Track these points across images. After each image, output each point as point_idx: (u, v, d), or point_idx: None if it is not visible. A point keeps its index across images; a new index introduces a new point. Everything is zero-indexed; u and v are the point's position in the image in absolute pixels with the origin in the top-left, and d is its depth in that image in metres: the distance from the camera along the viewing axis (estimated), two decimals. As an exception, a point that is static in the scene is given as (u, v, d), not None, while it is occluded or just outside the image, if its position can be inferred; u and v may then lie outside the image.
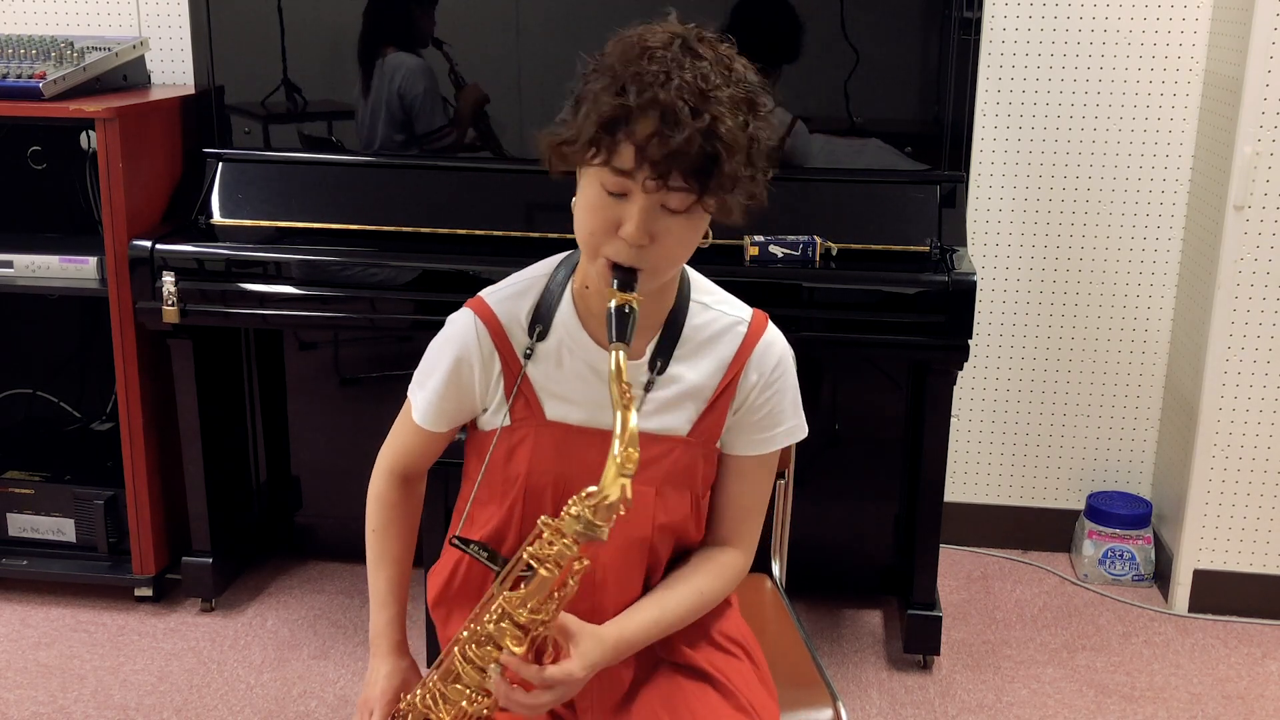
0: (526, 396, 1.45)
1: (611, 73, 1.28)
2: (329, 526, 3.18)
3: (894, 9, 2.67)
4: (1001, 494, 3.32)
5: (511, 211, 2.73)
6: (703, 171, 1.26)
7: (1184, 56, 2.98)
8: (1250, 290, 2.81)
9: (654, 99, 1.24)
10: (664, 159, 1.24)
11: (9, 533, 2.97)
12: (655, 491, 1.45)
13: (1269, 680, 2.74)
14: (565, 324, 1.45)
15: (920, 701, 2.62)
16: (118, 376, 2.78)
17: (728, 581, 1.53)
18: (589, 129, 1.27)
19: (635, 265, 1.32)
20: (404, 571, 1.59)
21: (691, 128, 1.23)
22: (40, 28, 3.27)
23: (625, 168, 1.27)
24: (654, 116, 1.24)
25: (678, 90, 1.24)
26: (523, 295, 1.47)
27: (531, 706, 1.36)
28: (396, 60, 2.82)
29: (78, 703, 2.57)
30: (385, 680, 1.53)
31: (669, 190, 1.27)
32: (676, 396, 1.46)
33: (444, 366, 1.47)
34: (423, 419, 1.51)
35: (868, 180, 2.72)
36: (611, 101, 1.25)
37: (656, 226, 1.30)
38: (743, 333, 1.48)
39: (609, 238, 1.31)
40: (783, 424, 1.50)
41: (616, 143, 1.26)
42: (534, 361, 1.45)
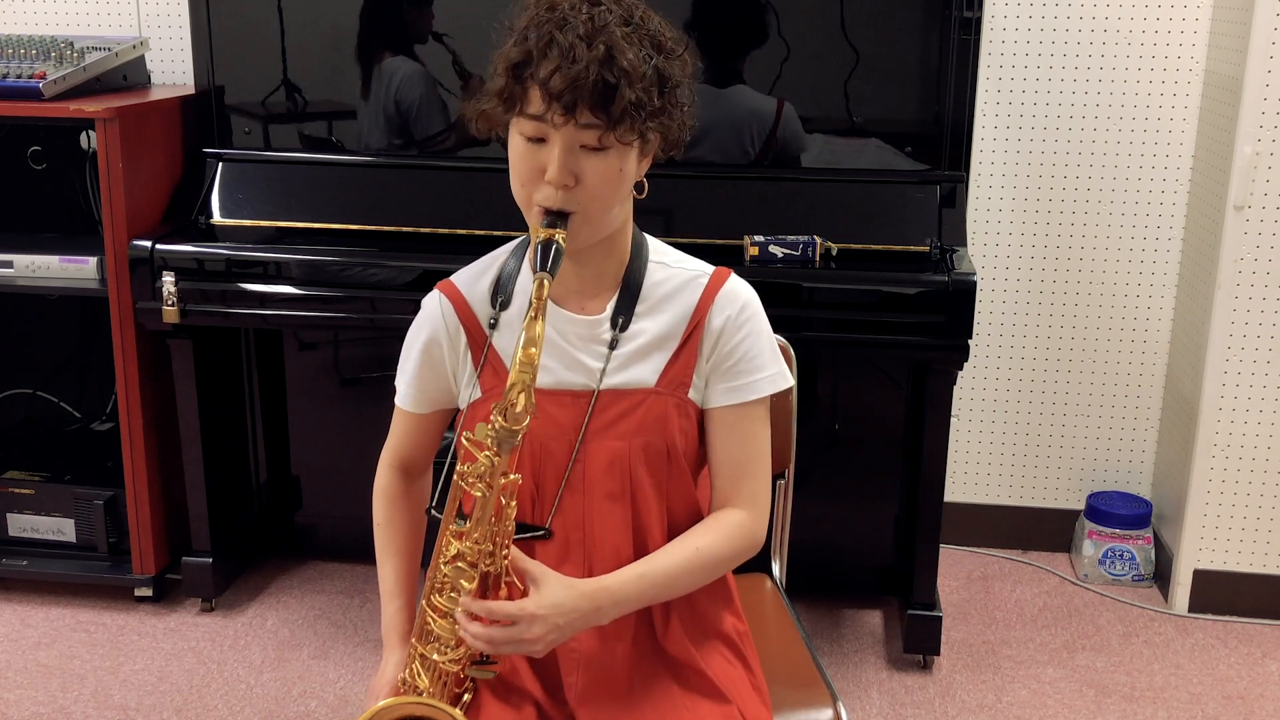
0: (494, 366, 1.49)
1: (519, 31, 1.36)
2: (329, 526, 3.18)
3: (894, 9, 2.67)
4: (1001, 494, 3.32)
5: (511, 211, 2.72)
6: (607, 100, 1.32)
7: (1184, 56, 2.98)
8: (1250, 290, 2.82)
9: (551, 39, 1.32)
10: (566, 90, 1.31)
11: (9, 533, 2.97)
12: (629, 444, 1.45)
13: (1269, 680, 2.74)
14: (525, 292, 1.49)
15: (920, 701, 2.62)
16: (118, 376, 2.78)
17: (731, 540, 1.49)
18: (500, 81, 1.36)
19: (564, 208, 1.37)
20: (411, 563, 1.62)
21: (588, 58, 1.31)
22: (40, 28, 3.27)
23: (536, 110, 1.34)
24: (553, 54, 1.31)
25: (573, 29, 1.32)
26: (484, 272, 1.54)
27: (489, 640, 1.37)
28: (393, 66, 2.82)
29: (78, 703, 2.57)
30: (394, 670, 1.55)
31: (579, 126, 1.33)
32: (642, 349, 1.48)
33: (416, 348, 1.54)
34: (403, 402, 1.57)
35: (868, 180, 2.72)
36: (515, 49, 1.35)
37: (578, 166, 1.36)
38: (704, 284, 1.50)
39: (537, 185, 1.38)
40: (762, 371, 1.49)
41: (526, 89, 1.34)
42: (498, 331, 1.49)
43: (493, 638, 1.36)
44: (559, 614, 1.37)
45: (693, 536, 1.48)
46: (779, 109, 2.71)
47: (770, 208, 2.69)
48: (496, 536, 1.38)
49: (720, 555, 1.48)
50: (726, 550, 1.49)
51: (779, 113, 2.72)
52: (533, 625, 1.35)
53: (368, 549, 1.62)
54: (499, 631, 1.36)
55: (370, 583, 3.03)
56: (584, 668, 1.48)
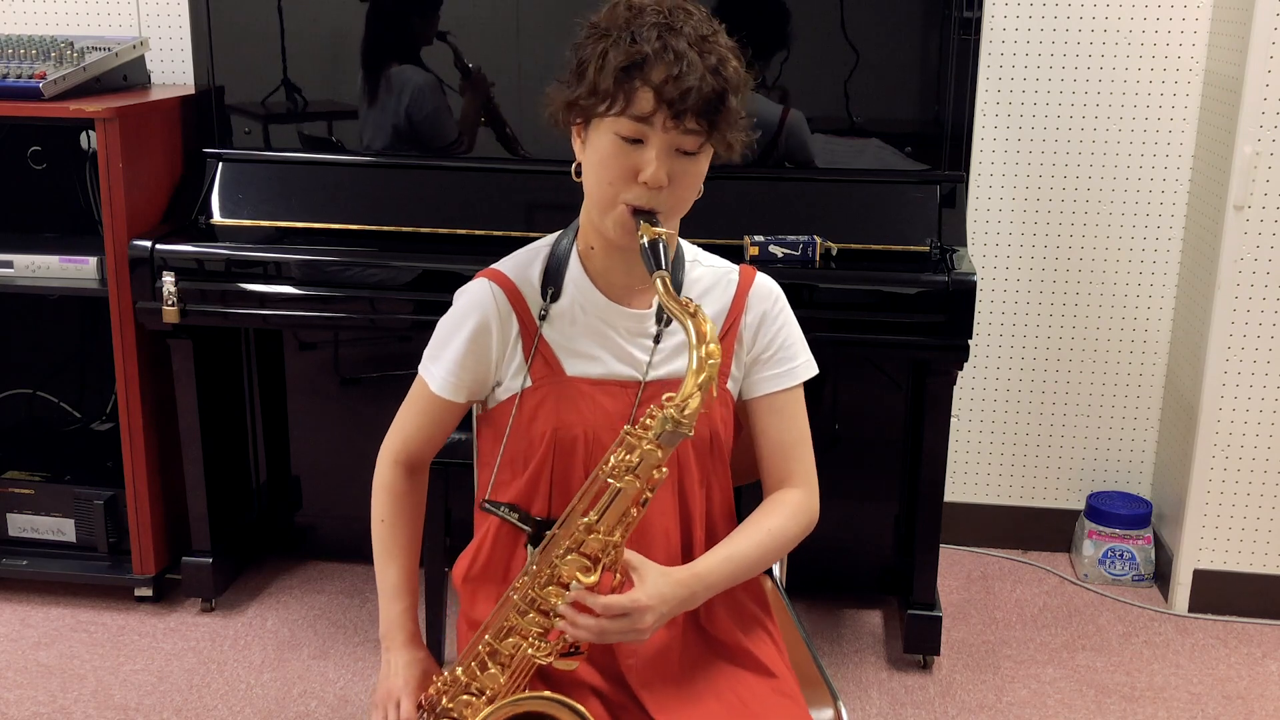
0: (545, 356, 1.50)
1: (617, 30, 1.38)
2: (329, 526, 3.18)
3: (894, 9, 2.67)
4: (1001, 494, 3.32)
5: (511, 211, 2.73)
6: (712, 110, 1.37)
7: (1184, 56, 2.98)
8: (1250, 290, 2.81)
9: (667, 44, 1.35)
10: (680, 98, 1.35)
11: (9, 533, 2.97)
12: None
13: (1269, 680, 2.74)
14: (576, 283, 1.52)
15: (920, 701, 2.62)
16: (118, 376, 2.78)
17: (795, 518, 1.56)
18: (607, 80, 1.37)
19: (654, 208, 1.41)
20: (413, 562, 1.60)
21: (702, 68, 1.35)
22: (40, 28, 3.27)
23: (645, 111, 1.36)
24: (668, 59, 1.35)
25: (685, 36, 1.36)
26: (531, 261, 1.55)
27: (601, 632, 1.38)
28: (404, 77, 2.82)
29: (78, 703, 2.57)
30: (406, 670, 1.54)
31: (683, 131, 1.37)
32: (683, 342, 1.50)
33: (463, 334, 1.51)
34: (441, 388, 1.53)
35: (868, 180, 2.72)
36: (626, 50, 1.36)
37: (672, 168, 1.40)
38: (735, 280, 1.58)
39: (627, 185, 1.40)
40: (799, 358, 1.58)
41: (634, 89, 1.36)
42: (549, 322, 1.51)
43: (605, 629, 1.38)
44: (663, 603, 1.41)
45: (763, 519, 1.55)
46: (783, 117, 2.71)
47: (770, 208, 2.69)
48: (624, 529, 1.39)
49: (789, 534, 1.56)
50: (794, 529, 1.56)
51: (783, 120, 2.71)
52: (645, 615, 1.39)
53: (368, 549, 1.59)
54: (611, 623, 1.38)
55: (370, 582, 3.01)
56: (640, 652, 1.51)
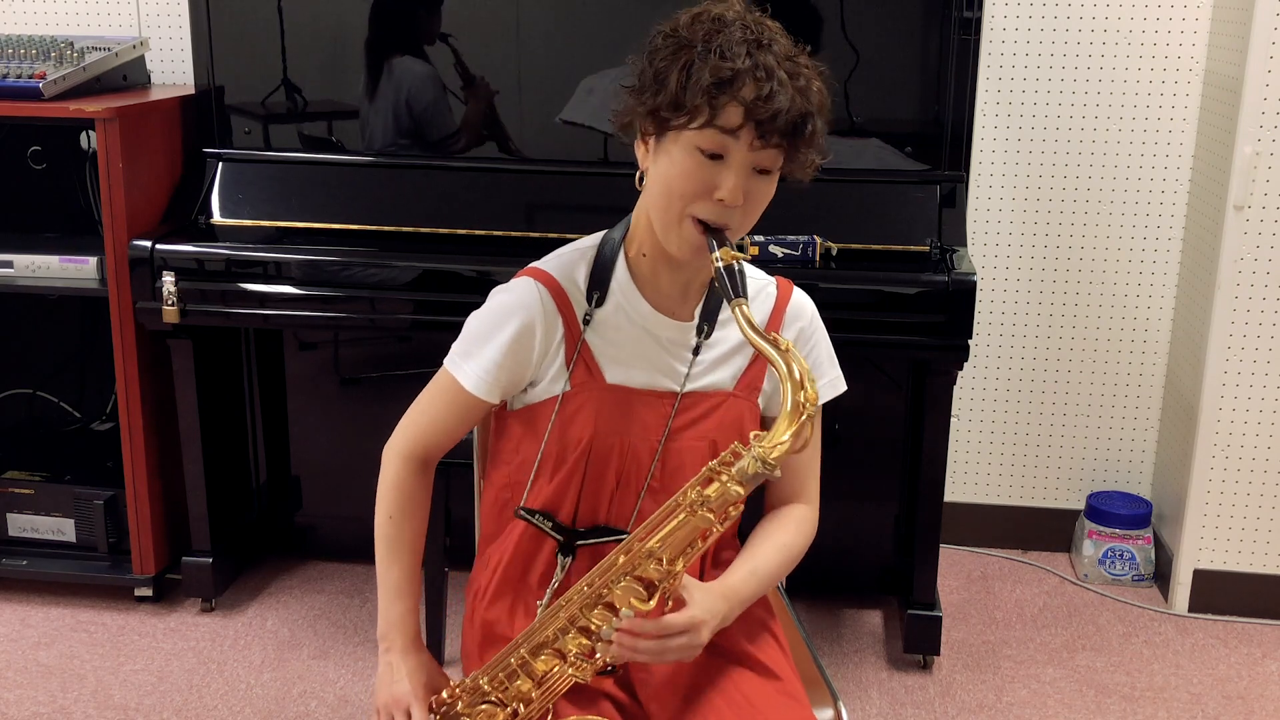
0: (586, 362, 1.49)
1: (702, 43, 1.36)
2: (329, 526, 3.18)
3: (894, 9, 2.67)
4: (1001, 494, 3.32)
5: (512, 211, 2.73)
6: (797, 130, 1.36)
7: (1184, 56, 2.98)
8: (1250, 290, 2.81)
9: (758, 61, 1.34)
10: (770, 117, 1.33)
11: (9, 533, 2.97)
12: (708, 444, 1.50)
13: (1269, 680, 2.74)
14: (622, 289, 1.50)
15: (920, 701, 2.62)
16: (118, 376, 2.78)
17: (805, 535, 1.59)
18: (695, 93, 1.34)
19: (727, 224, 1.40)
20: (417, 562, 1.56)
21: (791, 88, 1.34)
22: (40, 28, 3.27)
23: (731, 126, 1.34)
24: (760, 76, 1.33)
25: (775, 54, 1.35)
26: (576, 264, 1.52)
27: (661, 651, 1.39)
28: (405, 67, 2.82)
29: (78, 703, 2.57)
30: (412, 676, 1.51)
31: (766, 149, 1.36)
32: (723, 355, 1.52)
33: (506, 333, 1.47)
34: (477, 387, 1.49)
35: (868, 180, 2.72)
36: (717, 64, 1.33)
37: (749, 186, 1.39)
38: (773, 294, 1.57)
39: (701, 199, 1.38)
40: (824, 376, 1.58)
41: (722, 105, 1.34)
42: (592, 327, 1.49)
43: (667, 649, 1.38)
44: (714, 617, 1.42)
45: (779, 534, 1.57)
46: None
47: (770, 208, 2.68)
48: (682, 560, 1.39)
49: (800, 549, 1.59)
50: (804, 543, 1.59)
51: None
52: (701, 631, 1.40)
53: (368, 549, 1.56)
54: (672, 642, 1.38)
55: (370, 582, 3.02)
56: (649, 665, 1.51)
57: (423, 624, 1.93)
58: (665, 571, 1.38)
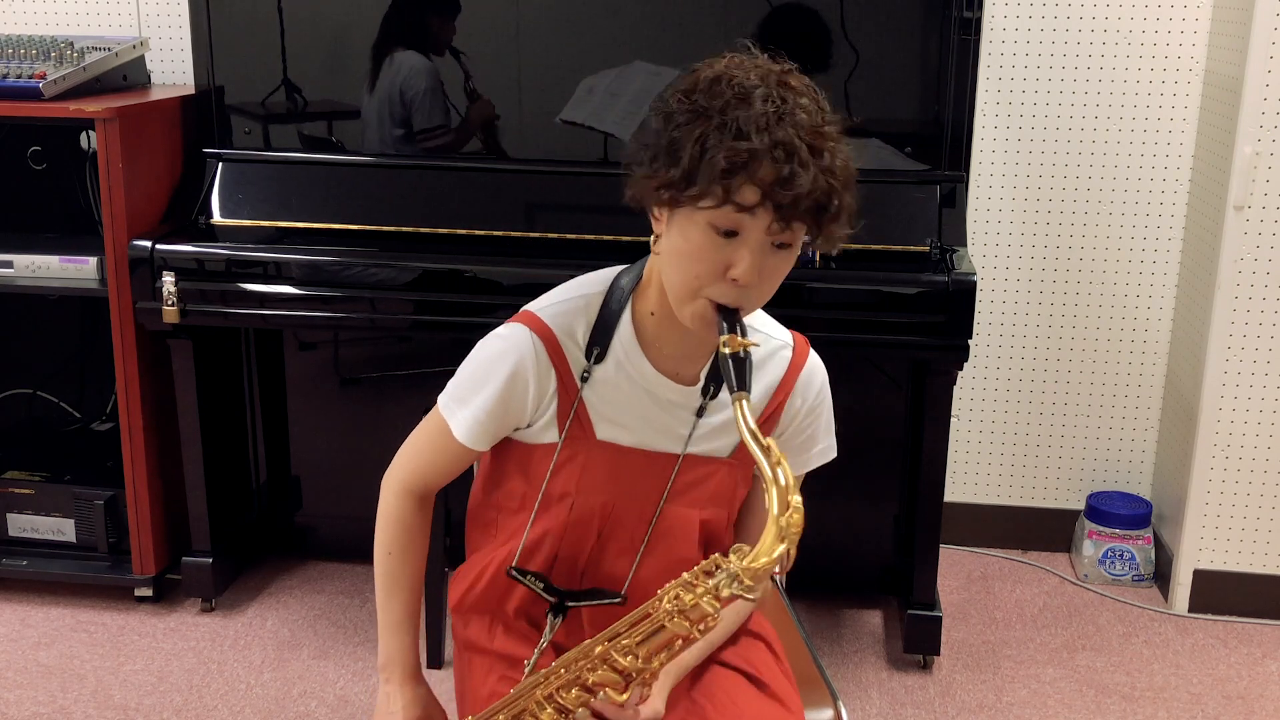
0: (579, 416, 1.44)
1: (716, 113, 1.26)
2: (329, 526, 3.18)
3: (894, 9, 2.67)
4: (1001, 494, 3.32)
5: (511, 211, 2.73)
6: (822, 209, 1.27)
7: (1184, 56, 2.98)
8: (1250, 290, 2.81)
9: (777, 140, 1.24)
10: (791, 203, 1.24)
11: (9, 533, 2.97)
12: (699, 514, 1.48)
13: (1269, 680, 2.74)
14: (624, 347, 1.44)
15: (920, 701, 2.62)
16: (118, 376, 2.78)
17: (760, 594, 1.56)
18: (708, 175, 1.25)
19: (742, 305, 1.32)
20: (417, 595, 1.56)
21: (815, 167, 1.24)
22: (40, 28, 3.27)
23: (748, 204, 1.25)
24: (780, 157, 1.23)
25: (795, 130, 1.25)
26: (578, 314, 1.44)
27: None
28: (403, 58, 2.82)
29: (78, 703, 2.57)
30: (407, 710, 1.51)
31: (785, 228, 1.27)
32: (725, 421, 1.46)
33: (496, 383, 1.43)
34: (467, 438, 1.45)
35: (868, 180, 2.66)
36: (734, 145, 1.24)
37: (765, 263, 1.30)
38: (788, 357, 1.50)
39: (715, 279, 1.30)
40: (817, 444, 1.55)
41: (738, 185, 1.25)
42: (590, 385, 1.44)
43: None
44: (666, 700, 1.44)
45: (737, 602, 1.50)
46: None
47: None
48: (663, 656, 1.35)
49: (751, 610, 1.58)
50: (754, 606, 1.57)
51: None
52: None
53: (368, 549, 1.57)
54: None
55: (370, 582, 3.00)
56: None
57: (423, 624, 1.93)
58: (642, 667, 1.33)
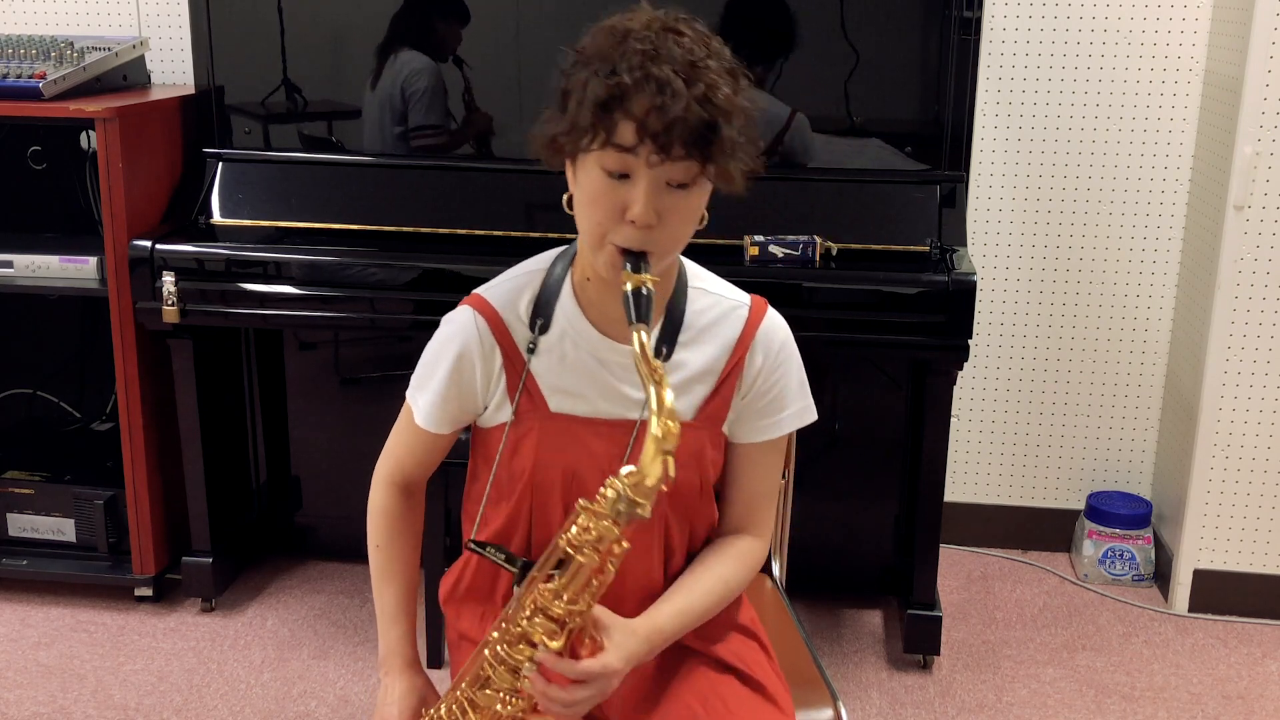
0: (530, 390, 1.45)
1: (598, 59, 1.29)
2: (329, 526, 3.18)
3: (894, 9, 2.67)
4: (1001, 494, 3.32)
5: (511, 211, 2.73)
6: (703, 140, 1.27)
7: (1184, 56, 2.98)
8: (1250, 290, 2.81)
9: (648, 73, 1.25)
10: (665, 130, 1.25)
11: (9, 533, 2.97)
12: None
13: (1269, 680, 2.74)
14: (567, 316, 1.45)
15: (920, 701, 2.62)
16: (118, 376, 2.78)
17: (749, 568, 1.54)
18: (586, 113, 1.28)
19: (644, 248, 1.32)
20: (411, 585, 1.57)
21: (688, 96, 1.25)
22: (40, 28, 3.27)
23: (627, 144, 1.27)
24: (650, 90, 1.25)
25: (669, 63, 1.26)
26: (521, 290, 1.46)
27: (570, 703, 1.34)
28: (407, 56, 2.82)
29: (78, 703, 2.57)
30: (402, 699, 1.52)
31: (672, 163, 1.27)
32: (683, 382, 1.46)
33: (445, 365, 1.46)
34: (426, 421, 1.49)
35: (868, 180, 2.72)
36: (605, 82, 1.26)
37: (663, 204, 1.30)
38: (744, 316, 1.49)
39: (615, 223, 1.31)
40: (790, 407, 1.51)
41: (615, 122, 1.27)
42: (536, 355, 1.45)
43: (574, 700, 1.33)
44: (629, 662, 1.37)
45: (718, 567, 1.51)
46: (790, 117, 2.71)
47: (770, 208, 2.69)
48: (588, 596, 1.34)
49: (740, 582, 1.53)
50: (745, 577, 1.54)
51: (789, 121, 2.71)
52: (612, 680, 1.35)
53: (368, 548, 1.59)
54: (580, 692, 1.34)
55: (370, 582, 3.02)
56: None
57: (423, 625, 1.93)
58: (570, 610, 1.33)
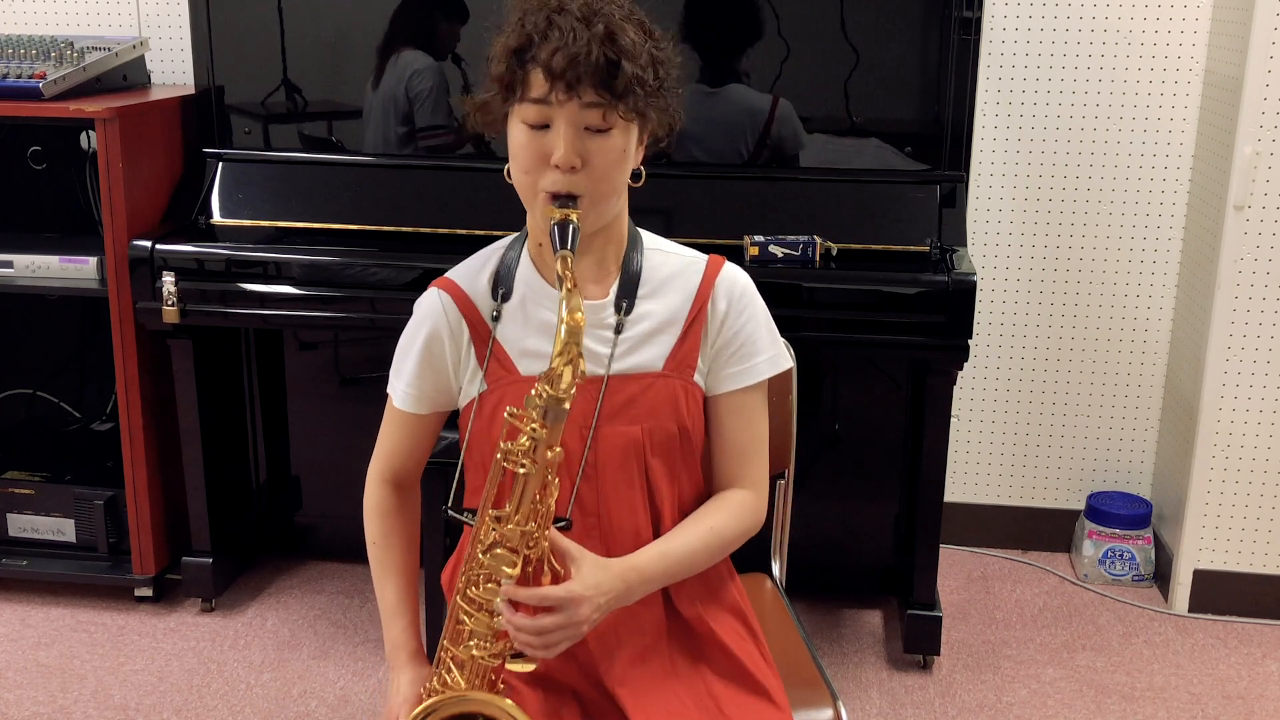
0: (499, 359, 1.48)
1: (513, 24, 1.38)
2: (329, 526, 3.18)
3: (894, 9, 2.67)
4: (1001, 494, 3.32)
5: (511, 212, 2.72)
6: (609, 77, 1.34)
7: (1184, 56, 2.98)
8: (1250, 290, 2.81)
9: (551, 21, 1.34)
10: (569, 67, 1.32)
11: (9, 533, 2.97)
12: (641, 429, 1.47)
13: (1269, 680, 2.74)
14: (526, 281, 1.50)
15: (920, 701, 2.62)
16: (118, 376, 2.78)
17: (739, 519, 1.53)
18: (500, 66, 1.37)
19: (573, 191, 1.38)
20: (410, 579, 1.60)
21: (588, 34, 1.33)
22: (40, 28, 3.27)
23: (539, 93, 1.35)
24: (554, 36, 1.33)
25: (571, 12, 1.35)
26: (482, 266, 1.53)
27: (538, 630, 1.33)
28: (410, 56, 2.82)
29: (78, 703, 2.57)
30: (407, 688, 1.53)
31: (583, 105, 1.35)
32: (648, 333, 1.49)
33: (416, 346, 1.51)
34: (403, 402, 1.53)
35: (868, 180, 2.72)
36: (515, 34, 1.36)
37: (584, 148, 1.37)
38: (702, 268, 1.53)
39: (542, 172, 1.39)
40: (762, 353, 1.53)
41: (527, 74, 1.36)
42: (502, 323, 1.49)
43: (542, 626, 1.33)
44: (600, 593, 1.36)
45: (706, 516, 1.52)
46: (773, 106, 2.71)
47: (770, 208, 2.69)
48: (538, 517, 1.35)
49: (733, 533, 1.53)
50: (738, 528, 1.53)
51: (773, 110, 2.71)
52: (580, 607, 1.34)
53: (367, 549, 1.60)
54: (548, 620, 1.33)
55: (370, 582, 3.01)
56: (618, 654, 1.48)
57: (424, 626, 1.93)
58: (521, 533, 1.34)
